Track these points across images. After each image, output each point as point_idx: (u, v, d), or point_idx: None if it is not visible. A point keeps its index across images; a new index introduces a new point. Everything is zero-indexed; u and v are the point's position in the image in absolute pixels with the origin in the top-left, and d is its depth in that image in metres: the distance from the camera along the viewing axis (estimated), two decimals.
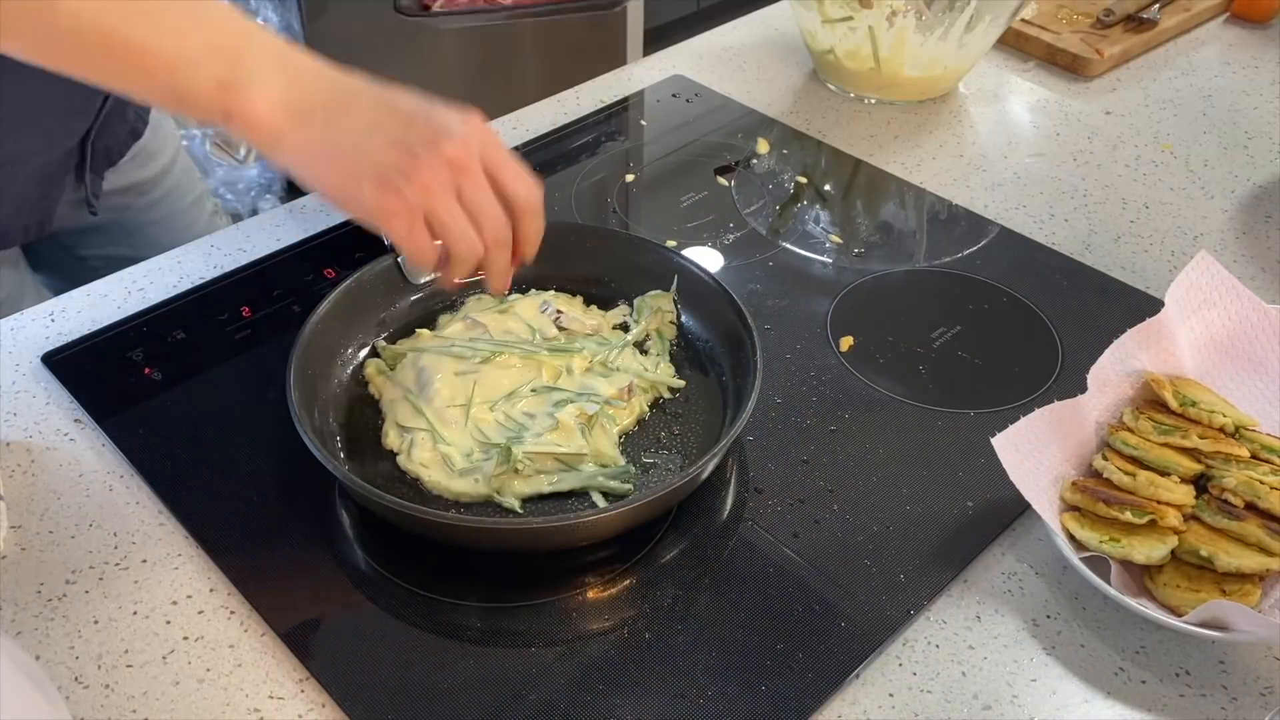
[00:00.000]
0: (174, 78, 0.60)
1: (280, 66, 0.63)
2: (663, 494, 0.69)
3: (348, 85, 0.65)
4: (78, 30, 0.58)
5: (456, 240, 0.65)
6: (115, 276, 0.94)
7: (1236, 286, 0.81)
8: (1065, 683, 0.66)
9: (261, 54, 0.62)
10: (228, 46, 0.61)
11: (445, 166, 0.63)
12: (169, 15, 0.60)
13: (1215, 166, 1.13)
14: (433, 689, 0.64)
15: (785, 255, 0.99)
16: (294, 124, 0.62)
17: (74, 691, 0.64)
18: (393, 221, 0.64)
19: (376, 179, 0.63)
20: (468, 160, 0.64)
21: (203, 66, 0.60)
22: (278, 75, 0.62)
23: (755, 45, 1.33)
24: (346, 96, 0.64)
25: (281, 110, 0.62)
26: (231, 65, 0.61)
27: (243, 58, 0.62)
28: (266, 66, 0.62)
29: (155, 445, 0.78)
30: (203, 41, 0.61)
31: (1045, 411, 0.72)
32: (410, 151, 0.63)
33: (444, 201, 0.64)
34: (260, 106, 0.61)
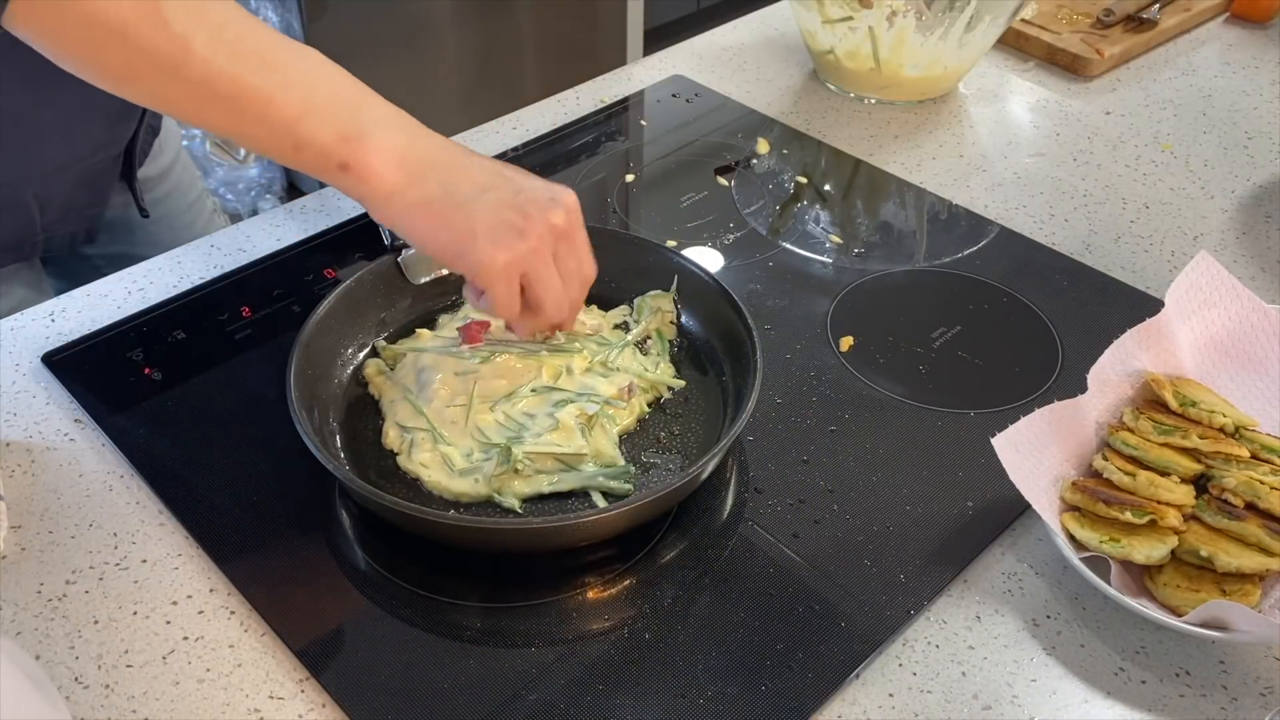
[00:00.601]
0: (297, 127, 0.63)
1: (399, 124, 0.66)
2: (663, 494, 0.69)
3: (459, 148, 0.70)
4: (207, 79, 0.61)
5: (552, 297, 0.71)
6: (115, 276, 0.94)
7: (1236, 286, 0.81)
8: (1065, 683, 0.66)
9: (381, 111, 0.66)
10: (349, 102, 0.65)
11: (551, 232, 0.69)
12: (293, 67, 0.64)
13: (1215, 166, 1.13)
14: (433, 689, 0.64)
15: (785, 255, 0.99)
16: (410, 179, 0.66)
17: (74, 691, 0.64)
18: (497, 277, 0.68)
19: (490, 234, 0.66)
20: (570, 229, 0.70)
21: (326, 118, 0.63)
22: (395, 132, 0.66)
23: (755, 45, 1.33)
24: (459, 158, 0.69)
25: (398, 165, 0.65)
26: (354, 118, 0.64)
27: (363, 113, 0.65)
28: (385, 123, 0.66)
29: (155, 445, 0.78)
30: (325, 95, 0.64)
31: (1045, 411, 0.72)
32: (523, 213, 0.67)
33: (546, 261, 0.69)
34: (378, 159, 0.65)
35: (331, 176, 0.66)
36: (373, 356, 0.84)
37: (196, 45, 0.60)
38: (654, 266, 0.87)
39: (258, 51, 0.62)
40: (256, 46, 0.63)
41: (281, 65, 0.63)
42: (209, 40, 0.60)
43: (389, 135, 0.66)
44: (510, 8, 2.32)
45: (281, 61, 0.63)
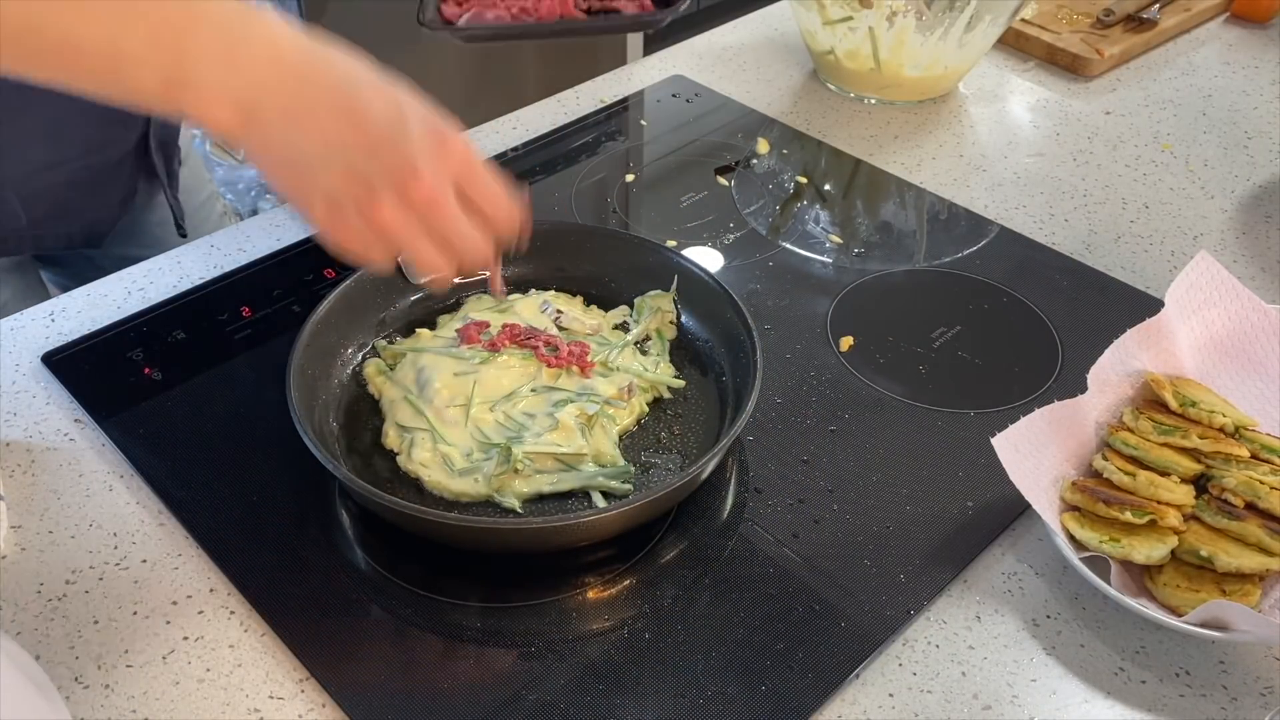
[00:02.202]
0: (119, 75, 0.54)
1: (228, 63, 0.55)
2: (663, 494, 0.69)
3: (309, 82, 0.57)
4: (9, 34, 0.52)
5: (422, 264, 0.62)
6: (115, 276, 0.94)
7: (1236, 286, 0.81)
8: (1065, 683, 0.66)
9: (207, 44, 0.54)
10: (169, 35, 0.54)
11: (409, 207, 0.59)
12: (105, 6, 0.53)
13: (1215, 166, 1.13)
14: (433, 689, 0.64)
15: (785, 255, 0.99)
16: (246, 126, 0.56)
17: (74, 691, 0.64)
18: (344, 245, 0.59)
19: (325, 205, 0.58)
20: (437, 197, 0.59)
21: (145, 64, 0.54)
22: (226, 70, 0.55)
23: (755, 45, 1.33)
24: (304, 98, 0.56)
25: (231, 110, 0.55)
26: (174, 62, 0.54)
27: (184, 53, 0.54)
28: (212, 63, 0.55)
29: (155, 445, 0.78)
30: (143, 32, 0.54)
31: (1045, 411, 0.72)
32: (369, 187, 0.58)
33: (404, 236, 0.60)
34: (209, 106, 0.55)
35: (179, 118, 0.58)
36: (373, 356, 0.84)
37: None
38: (654, 266, 0.87)
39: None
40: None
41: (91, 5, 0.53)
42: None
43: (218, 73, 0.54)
44: None
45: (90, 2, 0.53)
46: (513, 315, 0.85)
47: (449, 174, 0.60)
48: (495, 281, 0.72)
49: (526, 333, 0.82)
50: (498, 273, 0.72)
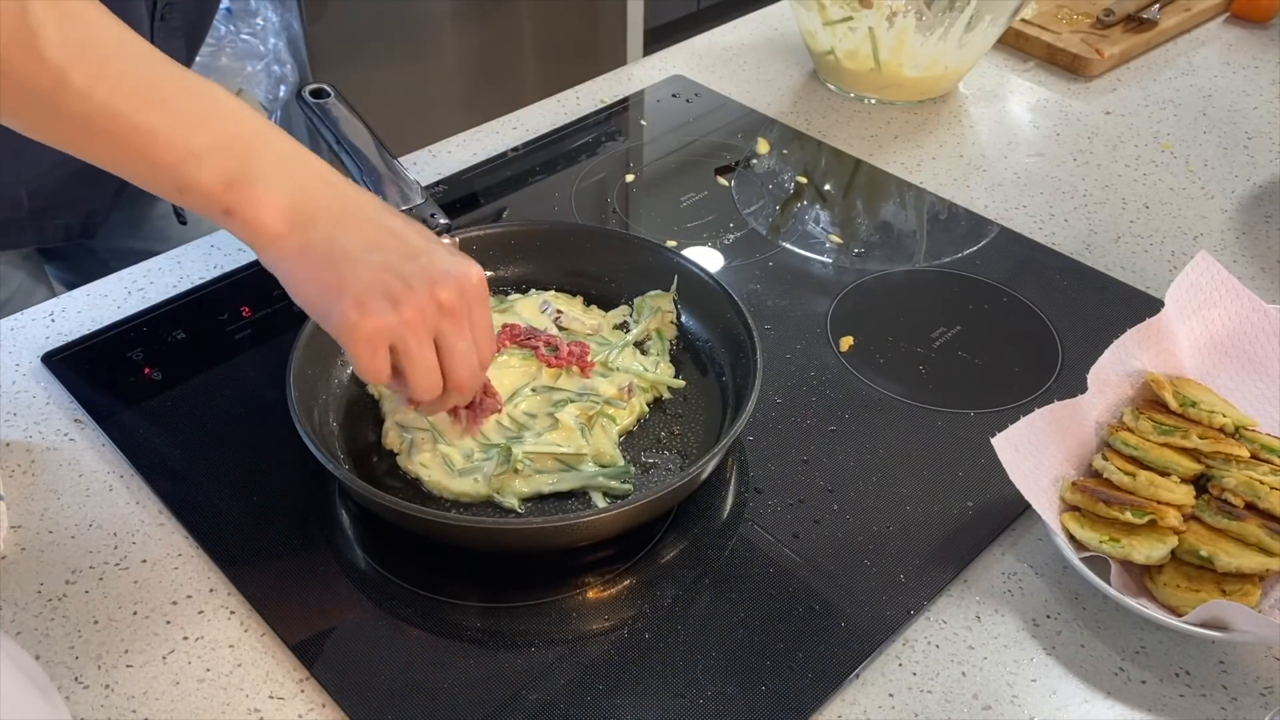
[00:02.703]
0: (180, 169, 0.59)
1: (290, 171, 0.62)
2: (663, 494, 0.69)
3: (355, 201, 0.64)
4: (86, 115, 0.57)
5: (419, 375, 0.65)
6: (115, 276, 0.94)
7: (1236, 286, 0.81)
8: (1065, 683, 0.66)
9: (273, 155, 0.61)
10: (239, 144, 0.60)
11: (433, 306, 0.63)
12: (182, 105, 0.59)
13: (1215, 166, 1.13)
14: (433, 689, 0.64)
15: (785, 255, 0.99)
16: (293, 230, 0.61)
17: (74, 691, 0.64)
18: (356, 342, 0.63)
19: (359, 297, 0.62)
20: (459, 307, 0.64)
21: (211, 162, 0.59)
22: (287, 179, 0.61)
23: (755, 45, 1.33)
24: (352, 212, 0.63)
25: (284, 215, 0.61)
26: (242, 164, 0.60)
27: (254, 157, 0.60)
28: (277, 169, 0.61)
29: (155, 445, 0.78)
30: (214, 136, 0.59)
31: (1045, 411, 0.72)
32: (405, 282, 0.62)
33: (420, 338, 0.64)
34: (264, 209, 0.60)
35: (217, 219, 0.61)
36: None
37: (74, 78, 0.56)
38: (654, 266, 0.87)
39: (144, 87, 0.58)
40: (144, 81, 0.58)
41: (168, 103, 0.58)
42: (89, 74, 0.56)
43: (279, 181, 0.61)
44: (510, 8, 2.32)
45: (169, 99, 0.58)
46: (513, 315, 0.85)
47: (471, 292, 0.65)
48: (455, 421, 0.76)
49: (526, 333, 0.82)
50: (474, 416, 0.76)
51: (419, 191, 0.83)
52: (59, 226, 1.00)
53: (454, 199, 1.05)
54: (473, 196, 1.06)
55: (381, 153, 0.84)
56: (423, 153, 1.12)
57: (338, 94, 0.86)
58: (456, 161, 1.10)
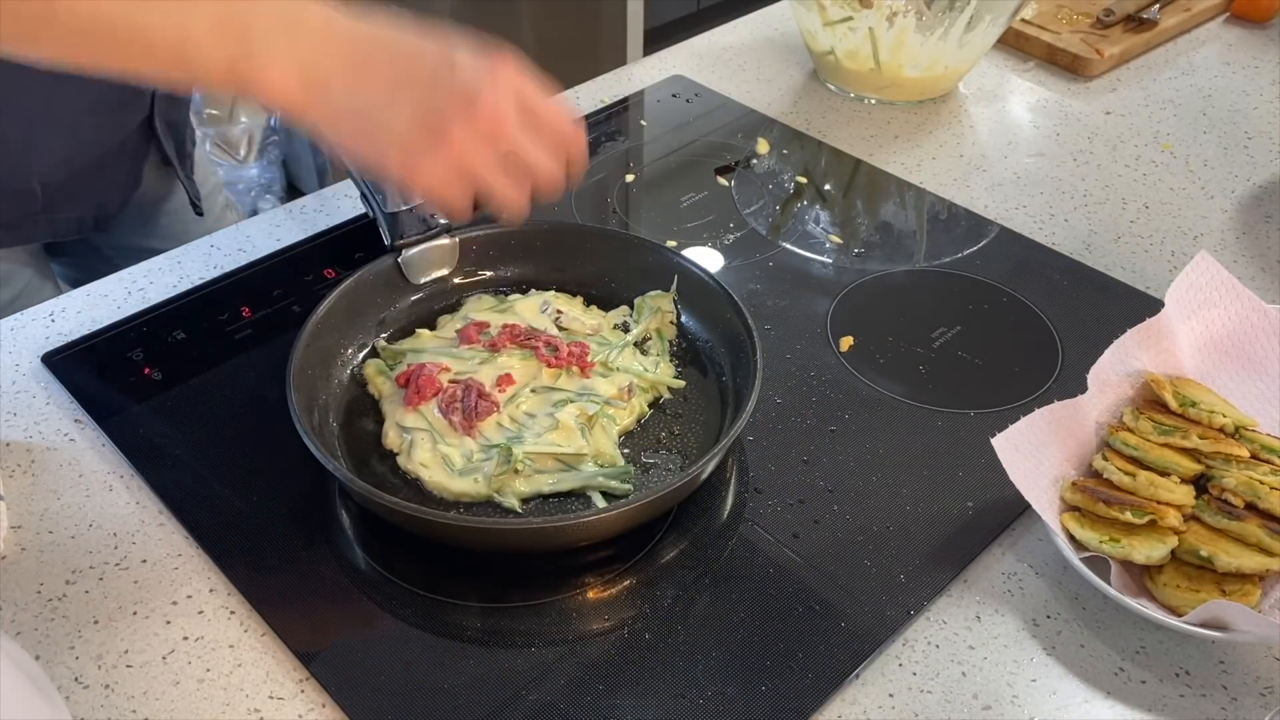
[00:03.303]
0: (184, 60, 0.58)
1: (289, 34, 0.59)
2: (663, 494, 0.69)
3: (363, 43, 0.61)
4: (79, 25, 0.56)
5: (500, 201, 0.64)
6: (115, 276, 0.94)
7: (1236, 286, 0.81)
8: (1065, 683, 0.66)
9: (268, 22, 0.59)
10: (233, 19, 0.58)
11: (477, 135, 0.61)
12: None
13: (1215, 166, 1.13)
14: (433, 689, 0.64)
15: (785, 255, 0.99)
16: (312, 95, 0.60)
17: (74, 691, 0.64)
18: (427, 191, 0.62)
19: (405, 147, 0.61)
20: (502, 121, 0.62)
21: (209, 45, 0.58)
22: (286, 44, 0.59)
23: (755, 45, 1.33)
24: (362, 57, 0.61)
25: (296, 82, 0.59)
26: (239, 40, 0.58)
27: (248, 30, 0.58)
28: (274, 36, 0.59)
29: (155, 445, 0.78)
30: (207, 17, 0.58)
31: (1045, 411, 0.72)
32: (439, 119, 0.60)
33: (482, 165, 0.62)
34: (275, 81, 0.59)
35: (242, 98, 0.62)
36: (373, 357, 0.84)
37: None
38: (654, 266, 0.87)
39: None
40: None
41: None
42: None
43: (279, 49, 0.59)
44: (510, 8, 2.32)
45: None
46: (513, 315, 0.85)
47: (508, 94, 0.62)
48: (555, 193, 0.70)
49: (526, 333, 0.82)
50: None
51: None
52: (71, 220, 1.01)
53: None
54: None
55: None
56: None
57: None
58: None
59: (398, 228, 0.85)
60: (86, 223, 1.02)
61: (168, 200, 1.13)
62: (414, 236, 0.86)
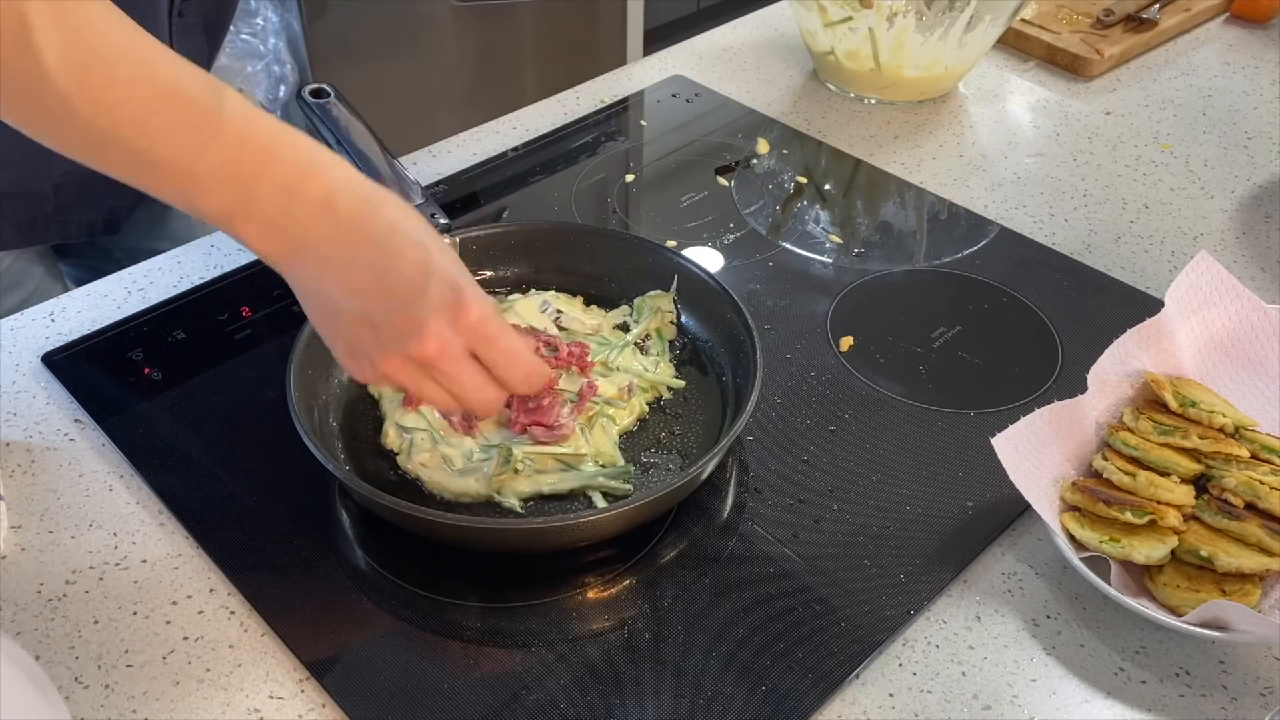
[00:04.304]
0: (187, 196, 0.59)
1: (287, 201, 0.59)
2: (663, 494, 0.69)
3: (352, 230, 0.61)
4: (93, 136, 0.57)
5: (431, 404, 0.67)
6: (115, 276, 0.94)
7: (1236, 286, 0.81)
8: (1065, 683, 0.66)
9: (273, 182, 0.59)
10: (239, 172, 0.59)
11: (408, 362, 0.63)
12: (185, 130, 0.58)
13: (1215, 166, 1.13)
14: (433, 689, 0.64)
15: (785, 255, 0.99)
16: (289, 261, 0.62)
17: (74, 691, 0.64)
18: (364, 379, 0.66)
19: (345, 346, 0.64)
20: (439, 356, 0.63)
21: (212, 191, 0.59)
22: (280, 214, 0.60)
23: (755, 45, 1.33)
24: (345, 248, 0.61)
25: (278, 247, 0.61)
26: (240, 192, 0.59)
27: (252, 186, 0.59)
28: (273, 198, 0.59)
29: (155, 445, 0.78)
30: (216, 163, 0.58)
31: (1045, 411, 0.72)
32: (378, 338, 0.62)
33: (414, 385, 0.65)
34: (260, 240, 0.61)
35: None
36: None
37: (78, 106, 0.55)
38: (654, 266, 0.87)
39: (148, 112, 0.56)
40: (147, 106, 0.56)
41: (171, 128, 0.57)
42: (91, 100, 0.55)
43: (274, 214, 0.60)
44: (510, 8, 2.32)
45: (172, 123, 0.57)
46: (513, 315, 0.85)
47: (461, 335, 0.63)
48: None
49: (526, 333, 0.82)
50: None
51: (419, 192, 0.83)
52: (83, 223, 1.01)
53: (454, 199, 1.05)
54: (473, 196, 1.06)
55: (382, 153, 0.84)
56: (423, 153, 1.12)
57: (338, 94, 0.86)
58: (456, 161, 1.10)
59: None
60: (97, 225, 1.02)
61: None
62: None
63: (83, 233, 1.02)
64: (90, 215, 1.01)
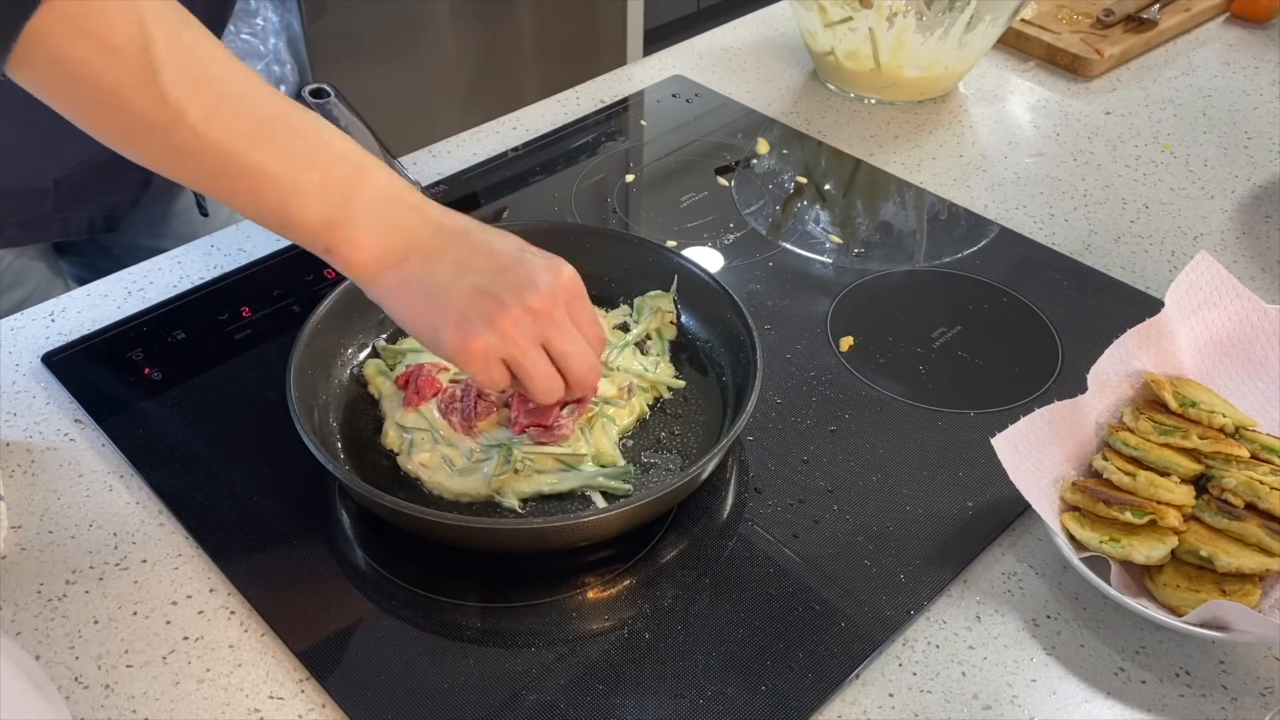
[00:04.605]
0: (285, 207, 0.62)
1: (386, 210, 0.64)
2: (663, 494, 0.69)
3: (448, 229, 0.66)
4: (199, 150, 0.59)
5: (535, 382, 0.67)
6: (115, 276, 0.94)
7: (1236, 286, 0.81)
8: (1065, 683, 0.66)
9: (370, 193, 0.64)
10: (340, 185, 0.62)
11: (528, 316, 0.65)
12: (291, 143, 0.61)
13: (1215, 166, 1.13)
14: (433, 689, 0.64)
15: (785, 255, 0.99)
16: (389, 268, 0.65)
17: (74, 691, 0.64)
18: (469, 364, 0.66)
19: (459, 324, 0.64)
20: (552, 309, 0.66)
21: (313, 201, 0.62)
22: (381, 220, 0.64)
23: (755, 45, 1.33)
24: (444, 241, 0.66)
25: (380, 254, 0.64)
26: (341, 205, 0.62)
27: (353, 198, 0.63)
28: (373, 209, 0.64)
29: (155, 445, 0.78)
30: (319, 175, 0.62)
31: (1045, 411, 0.72)
32: (495, 298, 0.64)
33: (523, 347, 0.66)
34: (361, 250, 0.64)
35: (319, 254, 0.65)
36: (373, 357, 0.84)
37: (191, 117, 0.58)
38: (654, 266, 0.87)
39: (256, 124, 0.60)
40: (256, 119, 0.60)
41: (278, 141, 0.61)
42: (206, 111, 0.58)
43: (375, 221, 0.64)
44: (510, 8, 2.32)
45: (279, 137, 0.61)
46: None
47: (562, 293, 0.67)
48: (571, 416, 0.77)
49: None
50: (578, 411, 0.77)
51: None
52: (83, 219, 1.01)
53: (454, 199, 1.05)
54: (473, 196, 1.06)
55: (382, 153, 0.84)
56: (423, 153, 1.12)
57: (338, 94, 0.86)
58: (456, 161, 1.10)
59: None
60: (98, 222, 1.03)
61: (176, 201, 1.13)
62: None
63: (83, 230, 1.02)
64: (91, 212, 1.01)
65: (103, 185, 1.00)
